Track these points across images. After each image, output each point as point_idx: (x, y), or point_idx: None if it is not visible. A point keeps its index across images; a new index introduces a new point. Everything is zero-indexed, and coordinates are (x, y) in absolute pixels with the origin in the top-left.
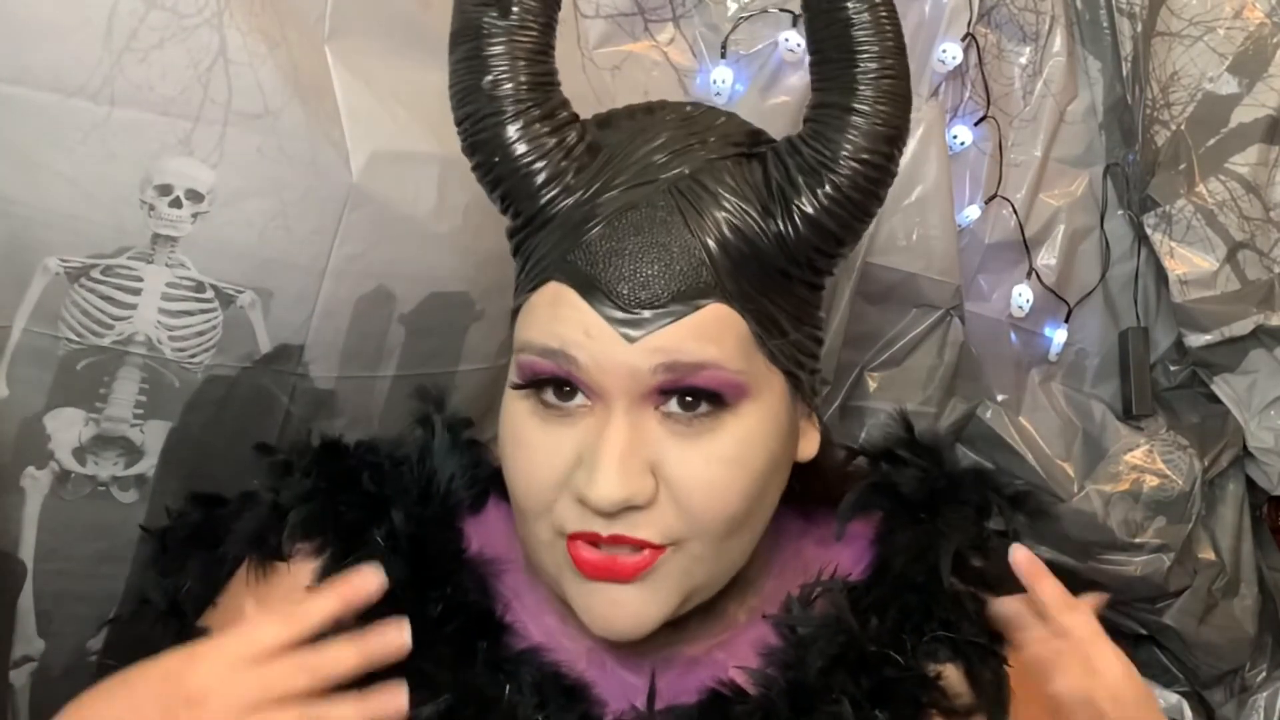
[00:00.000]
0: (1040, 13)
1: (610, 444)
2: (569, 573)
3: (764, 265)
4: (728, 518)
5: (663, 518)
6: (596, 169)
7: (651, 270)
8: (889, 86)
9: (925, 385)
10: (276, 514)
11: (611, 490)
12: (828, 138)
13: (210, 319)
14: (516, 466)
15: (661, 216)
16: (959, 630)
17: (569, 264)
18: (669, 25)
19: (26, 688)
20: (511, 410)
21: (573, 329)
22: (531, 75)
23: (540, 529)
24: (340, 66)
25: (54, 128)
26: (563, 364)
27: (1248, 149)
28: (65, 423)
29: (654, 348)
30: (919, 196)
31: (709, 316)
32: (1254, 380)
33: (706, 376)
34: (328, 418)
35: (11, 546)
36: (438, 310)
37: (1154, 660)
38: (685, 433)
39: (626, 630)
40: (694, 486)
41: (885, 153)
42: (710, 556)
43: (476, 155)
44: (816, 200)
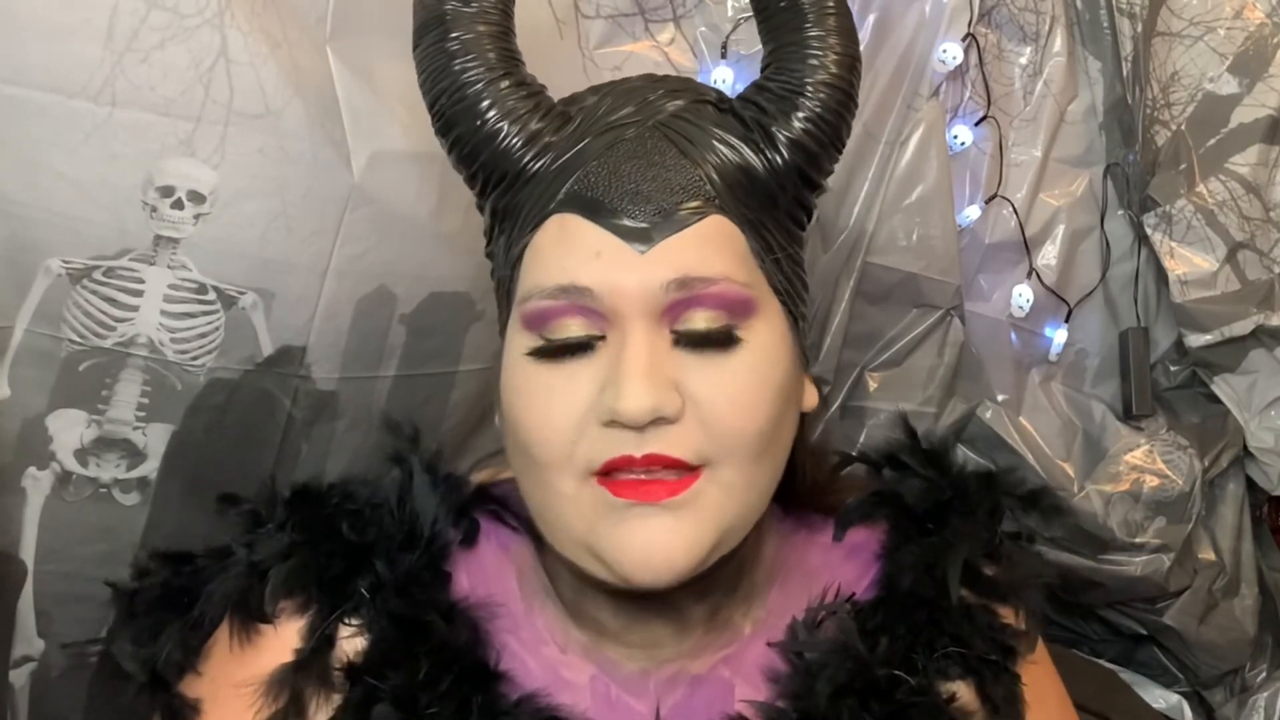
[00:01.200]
0: (1040, 13)
1: (634, 357)
2: (600, 516)
3: (755, 187)
4: (755, 434)
5: (693, 435)
6: (575, 125)
7: (652, 186)
8: (835, 22)
9: (925, 385)
10: (255, 573)
11: (641, 398)
12: (790, 68)
13: (212, 321)
14: (530, 415)
15: (652, 145)
16: (970, 645)
17: (569, 194)
18: (669, 25)
19: (26, 688)
20: (519, 367)
21: (582, 254)
22: (498, 50)
23: (562, 480)
24: (342, 67)
25: (55, 128)
26: (575, 299)
27: (1248, 149)
28: (67, 424)
29: (664, 260)
30: (919, 196)
31: (712, 227)
32: (1254, 380)
33: (717, 291)
34: (330, 419)
35: (12, 547)
36: (439, 310)
37: (1154, 660)
38: (702, 356)
39: (664, 566)
40: (720, 400)
41: (846, 78)
42: (741, 485)
43: (453, 130)
44: (793, 124)
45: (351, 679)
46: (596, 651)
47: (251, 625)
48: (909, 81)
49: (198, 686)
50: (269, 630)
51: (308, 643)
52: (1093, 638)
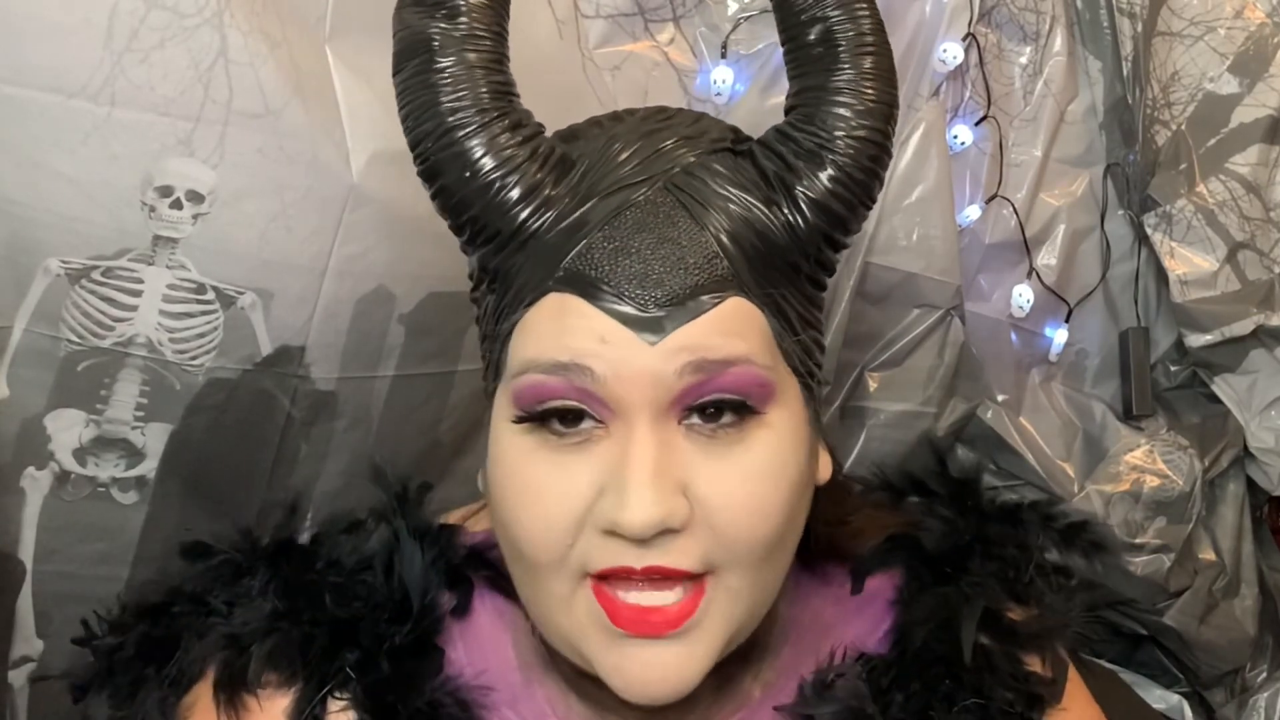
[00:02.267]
0: (1040, 12)
1: (639, 461)
2: (595, 631)
3: (775, 257)
4: (767, 538)
5: (699, 543)
6: (578, 177)
7: (664, 267)
8: (873, 64)
9: (925, 385)
10: (236, 646)
11: (647, 511)
12: (820, 120)
13: (211, 320)
14: (523, 513)
15: (665, 212)
16: (992, 698)
17: (569, 272)
18: (669, 25)
19: (25, 688)
20: (509, 448)
21: (585, 338)
22: (492, 85)
23: (556, 583)
24: (341, 66)
25: (55, 128)
26: (575, 379)
27: (1248, 149)
28: (66, 424)
29: (678, 347)
30: (919, 196)
31: (731, 310)
32: (1254, 380)
33: (736, 374)
34: (329, 419)
35: (11, 546)
36: (438, 310)
37: (1154, 660)
38: (712, 448)
39: (663, 693)
40: (730, 504)
41: (881, 129)
42: (748, 589)
43: (440, 178)
44: (820, 183)
45: None
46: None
47: (238, 700)
48: (909, 81)
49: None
50: (254, 705)
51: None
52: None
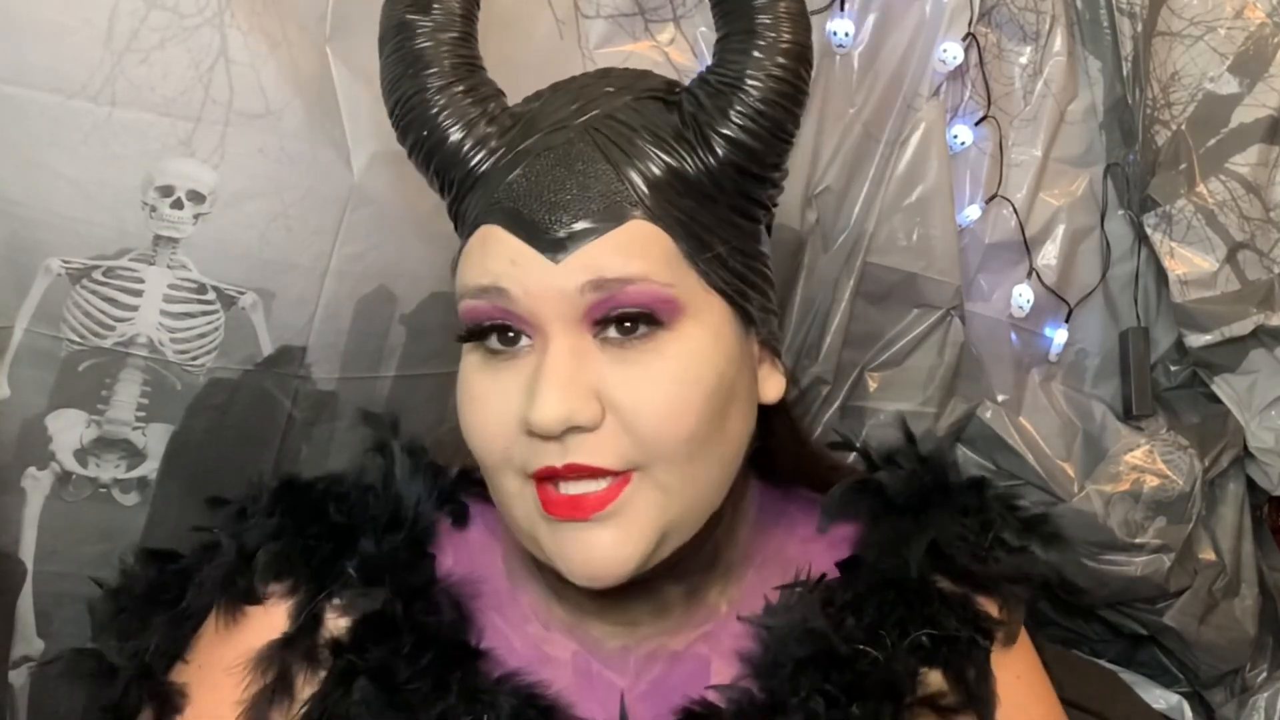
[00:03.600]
0: (1040, 12)
1: (548, 367)
2: (540, 520)
3: (687, 188)
4: (684, 437)
5: (615, 442)
6: (518, 129)
7: (569, 195)
8: (785, 8)
9: (925, 385)
10: (242, 558)
11: (552, 408)
12: (730, 61)
13: (212, 321)
14: (471, 419)
15: (578, 150)
16: (941, 626)
17: (494, 204)
18: (669, 25)
19: (26, 687)
20: (462, 367)
21: (500, 261)
22: (454, 58)
23: (507, 480)
24: (341, 66)
25: (55, 129)
26: (496, 300)
27: (1248, 149)
28: (67, 424)
29: (578, 265)
30: (919, 196)
31: (632, 232)
32: (1254, 380)
33: (635, 291)
34: (330, 419)
35: (12, 547)
36: (439, 310)
37: (1154, 660)
38: (625, 356)
39: (603, 572)
40: (640, 406)
41: (791, 67)
42: (677, 485)
43: (409, 136)
44: (730, 120)
45: (335, 655)
46: (579, 629)
47: (239, 607)
48: (909, 81)
49: (186, 673)
50: (257, 611)
51: (295, 621)
52: (1093, 638)
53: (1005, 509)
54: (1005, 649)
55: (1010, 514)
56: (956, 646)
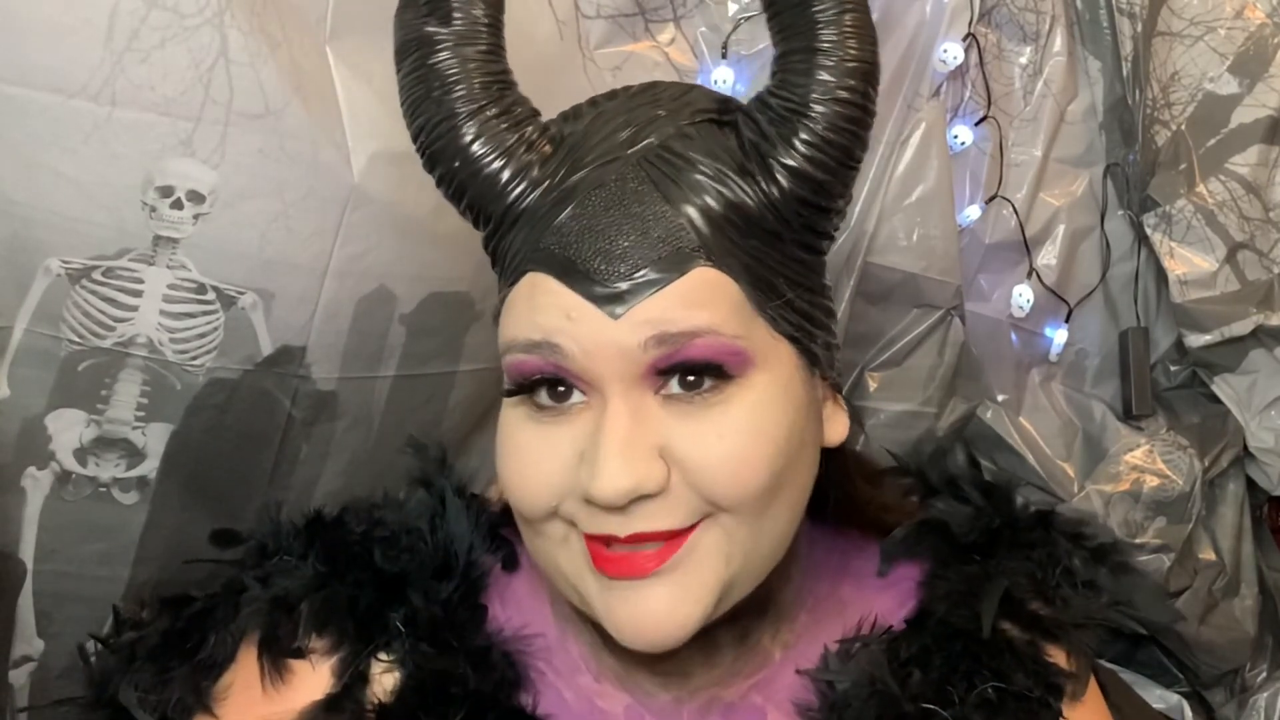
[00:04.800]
0: (1040, 13)
1: (609, 432)
2: (589, 575)
3: (751, 226)
4: (755, 493)
5: (682, 504)
6: (561, 157)
7: (628, 241)
8: (851, 21)
9: (925, 385)
10: (280, 607)
11: (616, 480)
12: (794, 84)
13: (212, 321)
14: (513, 476)
15: (633, 188)
16: (1011, 681)
17: (542, 251)
18: (670, 25)
19: (26, 687)
20: (505, 418)
21: (553, 315)
22: (484, 76)
23: (551, 527)
24: (342, 66)
25: (56, 128)
26: (548, 356)
27: (1248, 149)
28: (67, 423)
29: (641, 320)
30: (920, 196)
31: (696, 281)
32: (1254, 380)
33: (702, 345)
34: (329, 419)
35: (12, 546)
36: (438, 310)
37: (1154, 660)
38: (691, 411)
39: (658, 637)
40: (709, 462)
41: (859, 89)
42: (745, 535)
43: (437, 167)
44: (794, 150)
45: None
46: (630, 679)
47: (283, 663)
48: (909, 81)
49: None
50: (302, 667)
51: (341, 679)
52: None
53: (1072, 540)
54: (1072, 704)
55: (1077, 545)
56: (1026, 705)
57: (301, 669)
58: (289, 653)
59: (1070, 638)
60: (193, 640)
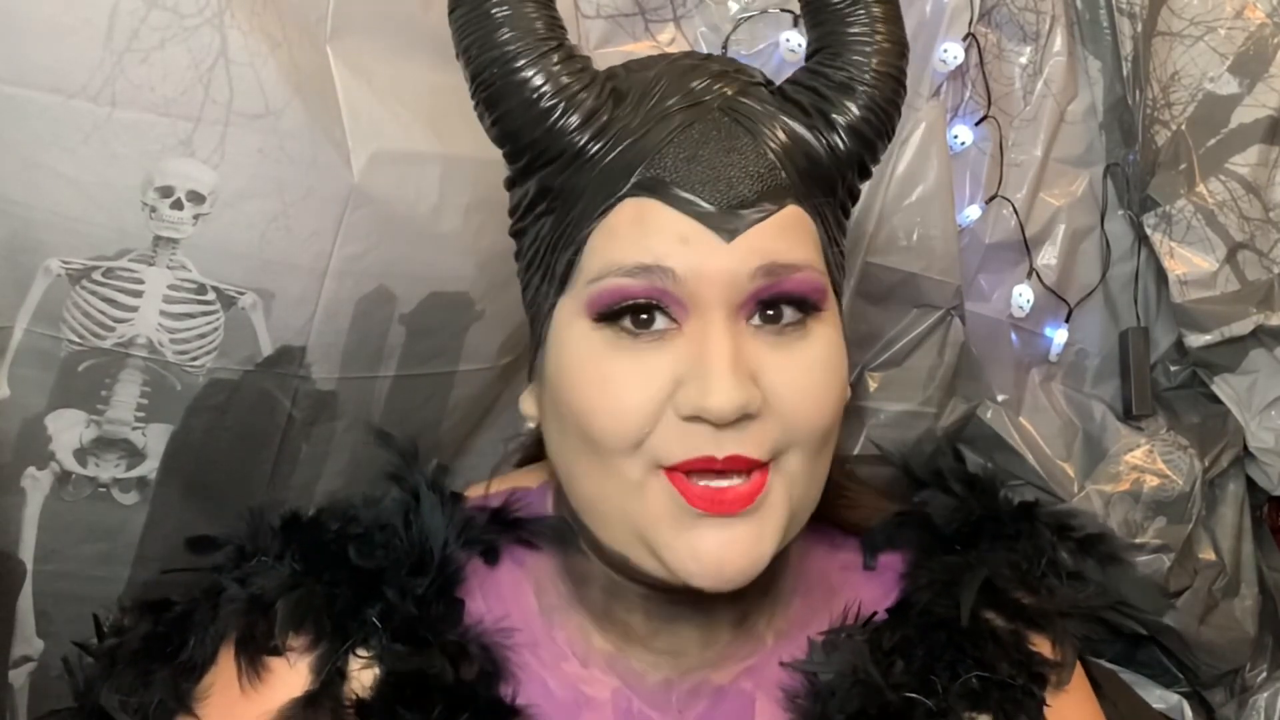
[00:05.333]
0: (1040, 13)
1: (720, 352)
2: (668, 515)
3: (820, 173)
4: (826, 426)
5: (769, 430)
6: (634, 103)
7: (733, 172)
8: (884, 10)
9: (925, 385)
10: (258, 606)
11: (730, 395)
12: (846, 58)
13: (212, 321)
14: (601, 404)
15: (725, 128)
16: (994, 669)
17: (645, 177)
18: (670, 26)
19: (25, 688)
20: (583, 348)
21: (667, 238)
22: (545, 19)
23: (630, 469)
24: (342, 66)
25: (55, 129)
26: (656, 280)
27: (1248, 149)
28: (67, 424)
29: (752, 248)
30: (920, 196)
31: (791, 217)
32: (1254, 380)
33: (800, 279)
34: (329, 419)
35: (12, 546)
36: (438, 310)
37: (1154, 660)
38: (779, 343)
39: (741, 571)
40: (796, 392)
41: (899, 66)
42: (804, 473)
43: (500, 105)
44: (853, 112)
45: (362, 717)
46: (620, 662)
47: (260, 661)
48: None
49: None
50: (280, 665)
51: (319, 676)
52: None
53: (1057, 531)
54: (1057, 692)
55: (1063, 536)
56: (1010, 693)
57: (279, 667)
58: (266, 651)
59: (1055, 626)
60: (173, 643)
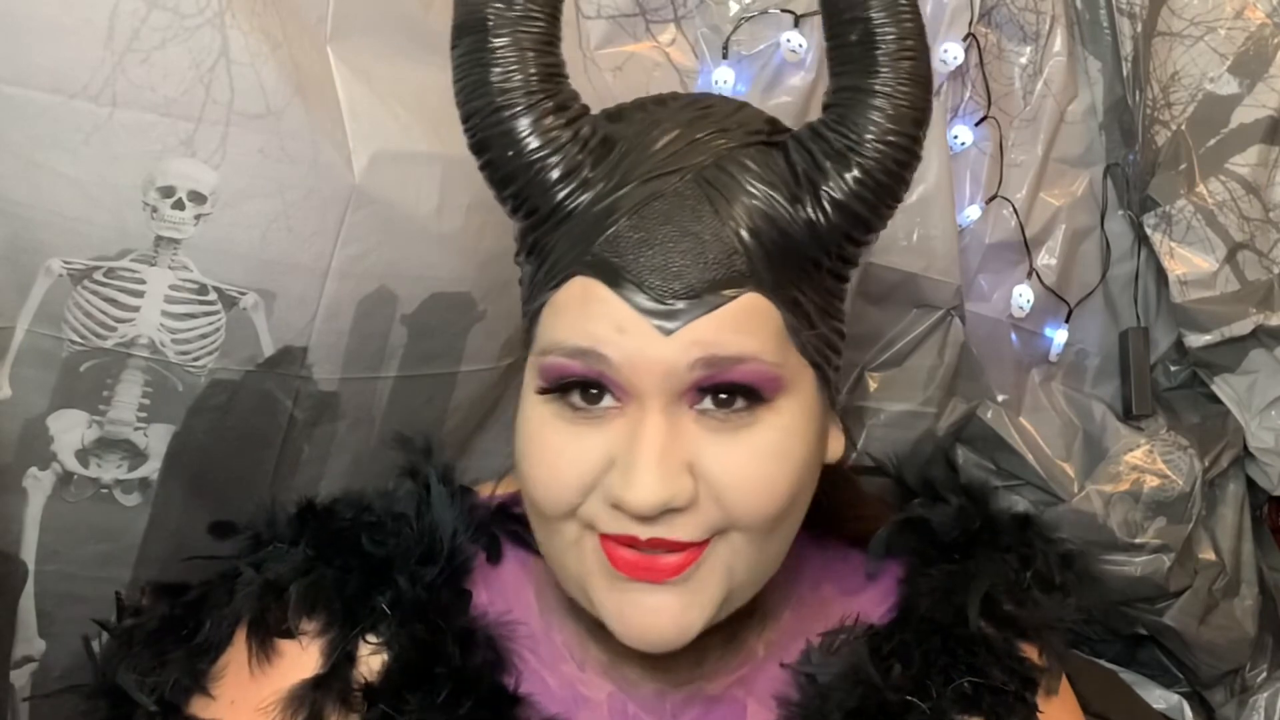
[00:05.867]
0: (1040, 13)
1: (648, 443)
2: (599, 575)
3: (796, 254)
4: (772, 514)
5: (704, 516)
6: (615, 161)
7: (684, 260)
8: (910, 68)
9: (925, 385)
10: (271, 591)
11: (651, 492)
12: (852, 121)
13: (213, 321)
14: (539, 471)
15: (690, 205)
16: (988, 676)
17: (595, 257)
18: (670, 26)
19: (27, 688)
20: (532, 415)
21: (604, 325)
22: (541, 67)
23: (566, 528)
24: (342, 67)
25: (56, 129)
26: (593, 364)
27: (1248, 149)
28: (68, 424)
29: (691, 340)
30: (920, 196)
31: (745, 307)
32: (1254, 380)
33: (745, 370)
34: (331, 420)
35: (13, 547)
36: (440, 311)
37: (1154, 660)
38: (723, 429)
39: (665, 639)
40: (736, 482)
41: (911, 134)
42: (750, 551)
43: (487, 152)
44: (845, 185)
45: (370, 701)
46: (614, 670)
47: (271, 644)
48: None
49: (215, 709)
50: (291, 648)
51: (329, 660)
52: (1093, 638)
53: (1046, 544)
54: (1048, 697)
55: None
56: (1002, 698)
57: (291, 650)
58: (279, 634)
59: (1044, 637)
60: (189, 625)
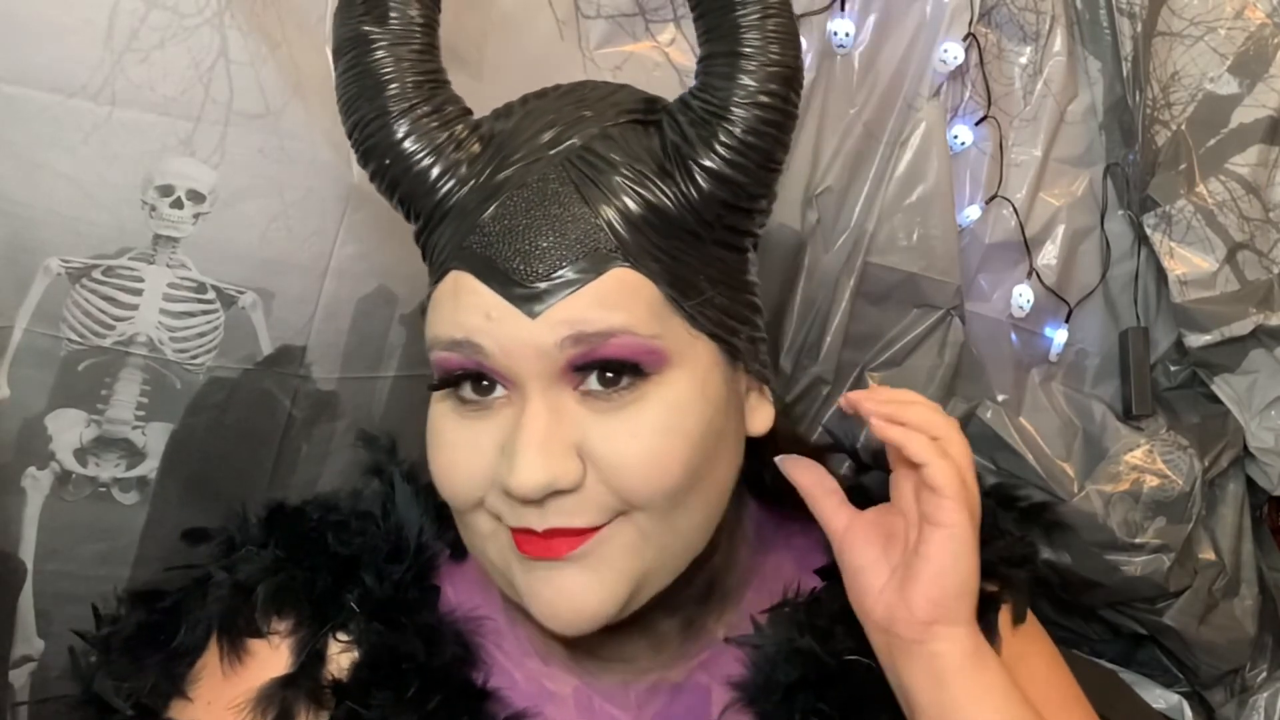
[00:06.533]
0: (1040, 13)
1: (527, 429)
2: (516, 562)
3: (670, 227)
4: (668, 489)
5: (596, 499)
6: (489, 156)
7: (546, 242)
8: (774, 25)
9: (925, 385)
10: (239, 591)
11: (531, 475)
12: (716, 86)
13: (212, 320)
14: (441, 469)
15: (553, 189)
16: None
17: (465, 250)
18: (670, 25)
19: (26, 687)
20: (433, 413)
21: (474, 315)
22: (417, 74)
23: (479, 521)
24: None
25: (55, 128)
26: (470, 354)
27: (1248, 149)
28: (67, 423)
29: (558, 320)
30: (920, 196)
31: (612, 282)
32: (1254, 380)
33: (618, 345)
34: (329, 419)
35: (12, 546)
36: None
37: (1154, 660)
38: (607, 408)
39: (572, 619)
40: (624, 460)
41: (780, 93)
42: (658, 532)
43: (370, 162)
44: (714, 152)
45: (339, 698)
46: (576, 663)
47: (241, 643)
48: (909, 81)
49: (191, 710)
50: (262, 647)
51: (298, 658)
52: (1093, 638)
53: (1000, 502)
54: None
55: (1008, 507)
56: None
57: (262, 650)
58: (249, 634)
59: (999, 571)
60: (166, 631)
